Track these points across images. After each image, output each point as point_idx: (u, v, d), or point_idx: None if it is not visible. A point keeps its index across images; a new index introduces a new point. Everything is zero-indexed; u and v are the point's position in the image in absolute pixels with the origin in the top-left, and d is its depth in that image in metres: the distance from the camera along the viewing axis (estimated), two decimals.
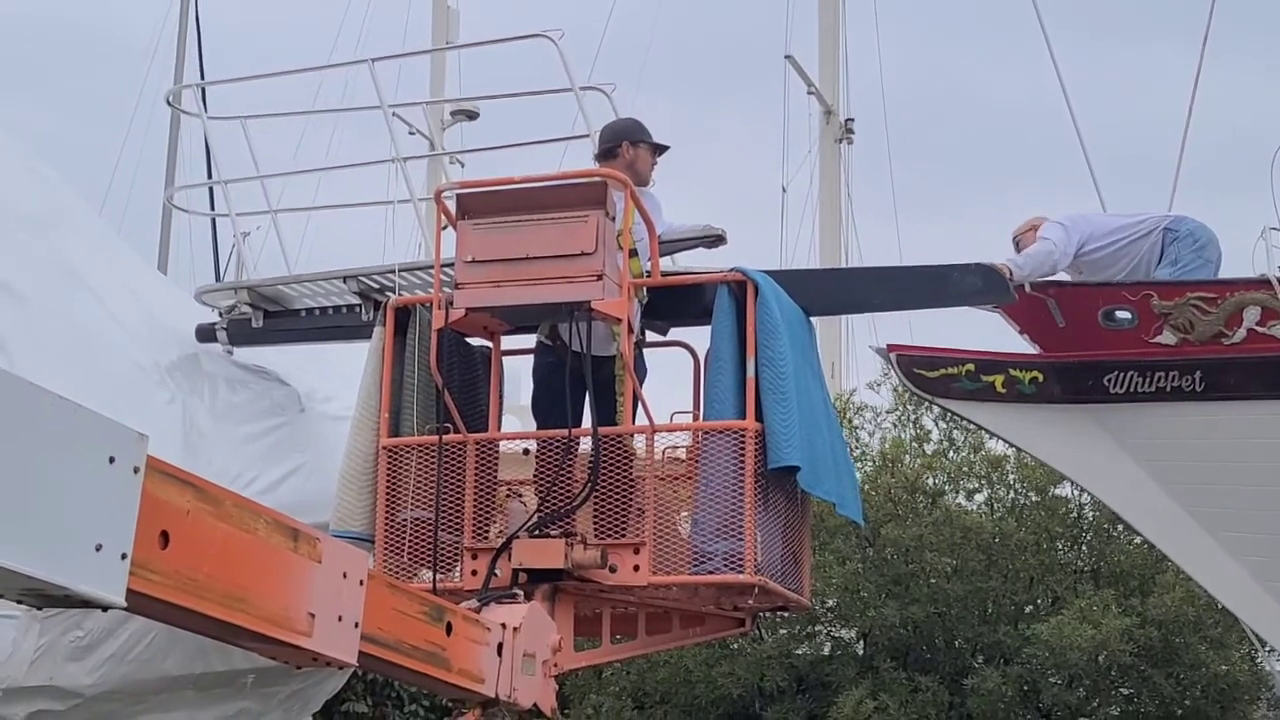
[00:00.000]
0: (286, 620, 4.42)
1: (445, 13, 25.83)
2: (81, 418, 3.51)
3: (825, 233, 22.94)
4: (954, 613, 14.32)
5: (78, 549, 3.48)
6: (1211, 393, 8.55)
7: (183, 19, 28.72)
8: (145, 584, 3.78)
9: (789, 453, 7.02)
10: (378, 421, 7.51)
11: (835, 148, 23.33)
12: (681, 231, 8.16)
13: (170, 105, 11.89)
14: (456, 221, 7.09)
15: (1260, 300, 8.36)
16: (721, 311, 7.25)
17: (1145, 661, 13.75)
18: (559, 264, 6.84)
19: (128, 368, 8.45)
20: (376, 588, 5.12)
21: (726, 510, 6.93)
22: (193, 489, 4.00)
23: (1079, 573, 14.91)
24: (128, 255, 10.13)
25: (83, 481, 3.50)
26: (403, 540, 7.29)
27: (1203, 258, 8.82)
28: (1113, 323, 8.62)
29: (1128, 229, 9.04)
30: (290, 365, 9.48)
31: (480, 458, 7.31)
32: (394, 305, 7.71)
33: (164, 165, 27.28)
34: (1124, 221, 9.12)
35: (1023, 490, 15.16)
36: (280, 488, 8.58)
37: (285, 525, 4.43)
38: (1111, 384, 8.69)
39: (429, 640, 5.48)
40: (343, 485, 7.52)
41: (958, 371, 8.98)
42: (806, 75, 22.99)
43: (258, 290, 8.93)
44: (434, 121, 20.62)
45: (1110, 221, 9.16)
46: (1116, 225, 9.09)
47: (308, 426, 9.14)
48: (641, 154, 7.98)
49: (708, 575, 6.95)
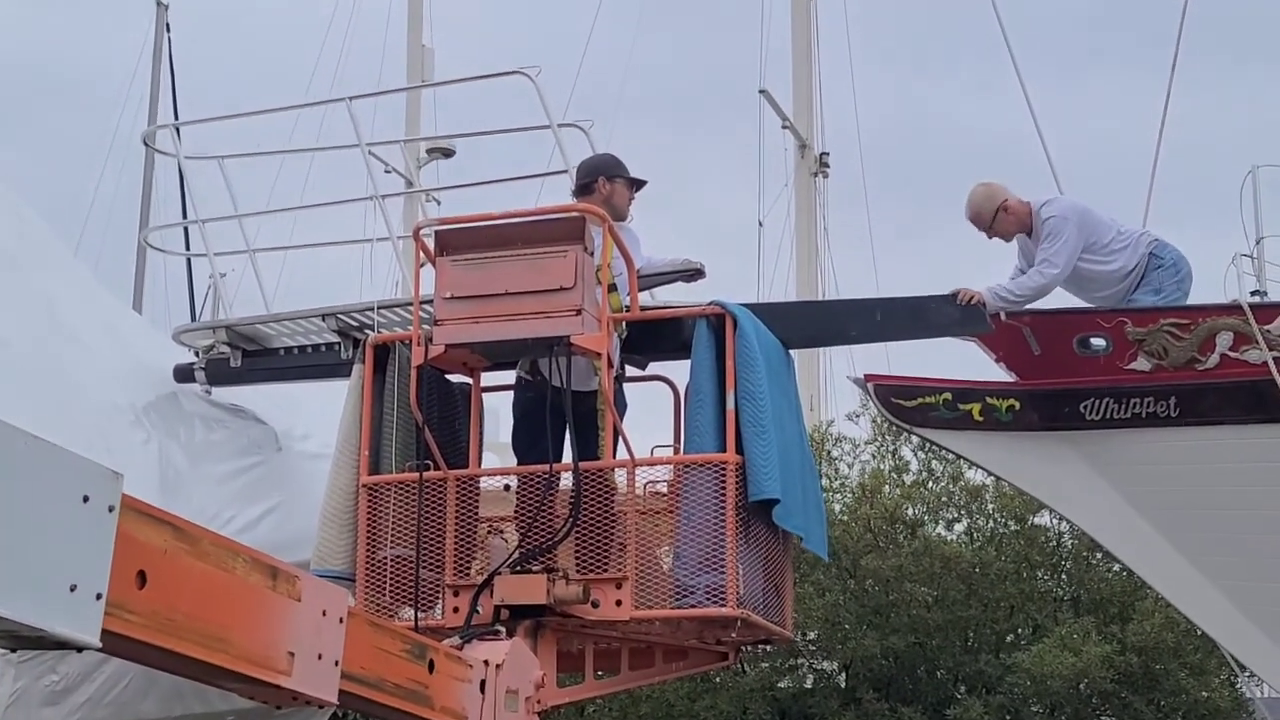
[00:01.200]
0: (266, 659, 4.40)
1: (420, 51, 25.91)
2: (55, 457, 3.49)
3: (801, 266, 23.04)
4: (935, 643, 14.31)
5: (52, 589, 3.45)
6: (1186, 418, 8.56)
7: (156, 59, 28.78)
8: (123, 624, 3.76)
9: (769, 485, 7.04)
10: (358, 459, 7.51)
11: (811, 181, 23.43)
12: (660, 266, 8.17)
13: (146, 145, 11.90)
14: (435, 258, 7.11)
15: (1232, 325, 8.38)
16: (700, 345, 7.27)
17: (1126, 688, 13.74)
18: (538, 299, 6.85)
19: (104, 407, 8.43)
20: (358, 626, 5.11)
21: (708, 544, 6.94)
22: (170, 528, 3.98)
23: (1059, 601, 14.92)
24: (104, 295, 10.12)
25: (57, 521, 3.47)
26: (384, 578, 7.28)
27: (1181, 290, 8.81)
28: (1088, 350, 8.63)
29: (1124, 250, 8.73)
30: (266, 403, 9.47)
31: (461, 495, 7.31)
32: (373, 343, 7.72)
33: (139, 205, 27.28)
34: (1116, 232, 8.81)
35: (1002, 519, 15.16)
36: (258, 526, 8.56)
37: (264, 563, 4.42)
38: (1087, 411, 8.70)
39: (411, 678, 5.47)
40: (323, 523, 7.52)
41: (935, 400, 8.98)
42: (781, 110, 23.10)
43: (236, 329, 8.92)
44: (410, 159, 20.65)
45: (1108, 230, 8.82)
46: (1115, 239, 8.80)
47: (285, 465, 9.12)
48: (618, 189, 8.00)
49: (690, 609, 6.96)
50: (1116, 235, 8.81)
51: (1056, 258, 8.55)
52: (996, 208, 8.81)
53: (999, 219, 8.83)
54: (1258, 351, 8.31)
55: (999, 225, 8.85)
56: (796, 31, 23.60)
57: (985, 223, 8.86)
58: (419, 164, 22.24)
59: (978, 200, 8.87)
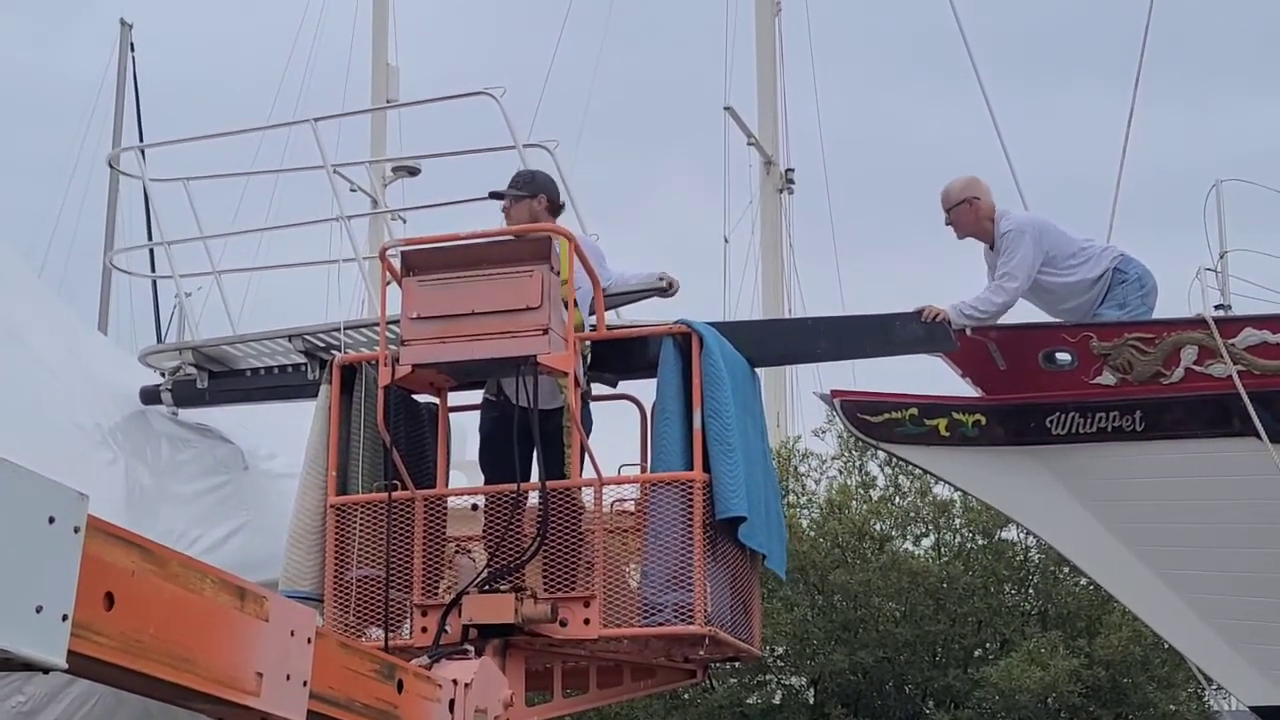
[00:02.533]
0: (234, 680, 4.38)
1: (385, 70, 25.88)
2: (20, 478, 3.46)
3: (768, 282, 23.07)
4: (903, 658, 14.33)
5: (17, 611, 3.41)
6: (1152, 432, 8.61)
7: (120, 78, 28.68)
8: (90, 646, 3.73)
9: (736, 503, 7.07)
10: (325, 479, 7.50)
11: (776, 197, 23.48)
12: (632, 282, 8.18)
13: (112, 168, 11.87)
14: (401, 278, 7.11)
15: (1197, 340, 8.44)
16: (667, 364, 7.29)
17: (1094, 702, 13.77)
18: (504, 319, 6.85)
19: (69, 428, 8.40)
20: (327, 646, 5.10)
21: (676, 561, 6.96)
22: (138, 549, 3.95)
23: (1026, 615, 14.96)
24: (68, 316, 10.09)
25: (22, 542, 3.44)
26: (352, 598, 7.27)
27: (1146, 305, 8.84)
28: (1053, 364, 8.67)
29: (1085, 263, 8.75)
30: (232, 423, 9.46)
31: (428, 514, 7.31)
32: (340, 363, 7.72)
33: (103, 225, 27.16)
34: (1082, 249, 8.82)
35: (970, 534, 15.21)
36: (225, 546, 8.55)
37: (232, 584, 4.40)
38: (1053, 425, 8.74)
39: (380, 698, 5.45)
40: (291, 544, 7.51)
41: (901, 416, 9.01)
42: (746, 126, 23.13)
43: (202, 351, 8.91)
44: (376, 179, 20.63)
45: (1070, 244, 8.82)
46: (1076, 252, 8.81)
47: (251, 484, 9.11)
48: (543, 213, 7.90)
49: (658, 627, 6.98)
50: (1079, 250, 8.83)
51: (1016, 271, 8.56)
52: (964, 199, 8.81)
53: (959, 209, 8.83)
54: (1222, 365, 8.37)
55: (956, 215, 8.85)
56: (761, 48, 23.65)
57: (949, 205, 8.86)
58: (385, 183, 22.19)
59: (955, 186, 8.88)
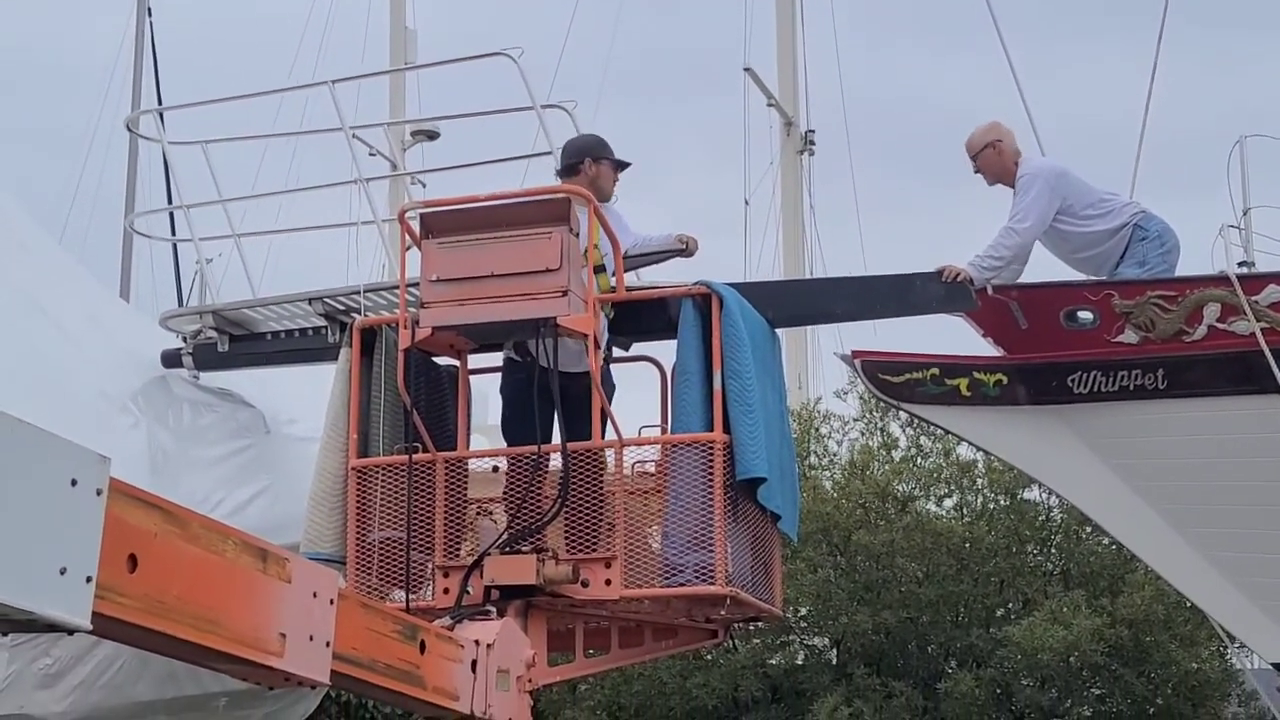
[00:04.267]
0: (257, 641, 4.42)
1: (403, 33, 25.81)
2: (42, 441, 3.49)
3: (788, 244, 23.04)
4: (926, 618, 14.36)
5: (42, 573, 3.46)
6: (1174, 390, 8.58)
7: (138, 45, 28.64)
8: (115, 608, 3.77)
9: (756, 464, 7.06)
10: (346, 442, 7.51)
11: (796, 159, 23.41)
12: (653, 244, 8.18)
13: (130, 130, 11.85)
14: (421, 241, 7.11)
15: (1219, 297, 8.40)
16: (687, 325, 7.28)
17: (1116, 661, 13.79)
18: (524, 281, 6.85)
19: (91, 394, 8.44)
20: (350, 608, 5.13)
21: (696, 522, 6.96)
22: (160, 512, 3.99)
23: (1049, 575, 14.97)
24: (89, 283, 10.11)
25: (45, 505, 3.47)
26: (374, 560, 7.30)
27: (1167, 262, 8.81)
28: (1075, 323, 8.64)
29: (1104, 215, 8.77)
30: (254, 387, 9.48)
31: (449, 476, 7.32)
32: (360, 326, 7.71)
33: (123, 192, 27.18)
34: (1103, 201, 8.83)
35: (992, 494, 15.21)
36: (247, 509, 8.57)
37: (254, 546, 4.43)
38: (1075, 384, 8.72)
39: (403, 659, 5.49)
40: (313, 507, 7.52)
41: (922, 376, 8.99)
42: (766, 88, 23.06)
43: (222, 314, 8.92)
44: (395, 142, 20.61)
45: (1090, 194, 8.84)
46: (1096, 204, 8.81)
47: (273, 448, 9.13)
48: (603, 170, 8.00)
49: (679, 588, 6.98)
50: (1099, 200, 8.82)
51: (1027, 213, 8.57)
52: (989, 142, 8.87)
53: (985, 154, 8.89)
54: (1245, 323, 8.34)
55: (983, 160, 8.91)
56: (780, 9, 23.58)
57: (973, 152, 8.92)
58: (404, 146, 22.18)
59: (979, 131, 8.93)
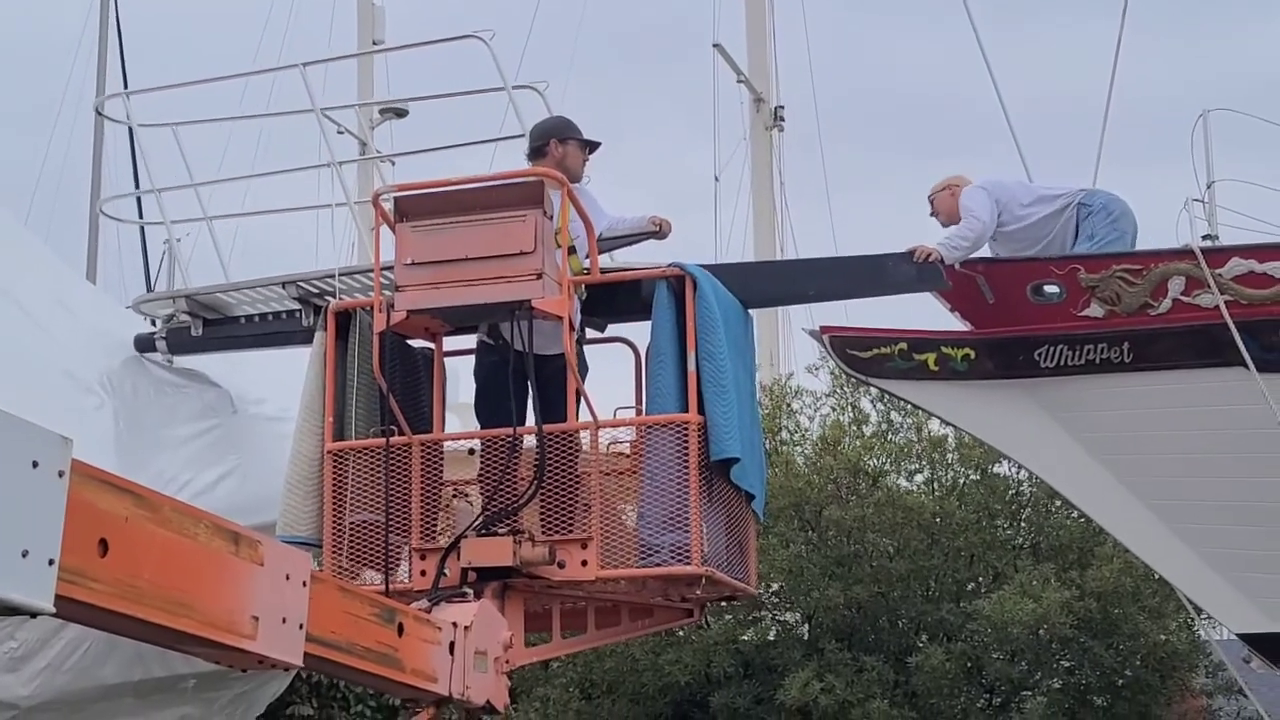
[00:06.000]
0: (230, 624, 4.43)
1: (371, 10, 25.68)
2: (2, 423, 3.45)
3: (759, 220, 23.03)
4: (897, 592, 14.42)
5: (3, 556, 3.42)
6: (1140, 363, 8.66)
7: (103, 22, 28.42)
8: (86, 592, 3.76)
9: (730, 444, 7.11)
10: (322, 426, 7.53)
11: (766, 135, 23.39)
12: (627, 226, 8.21)
13: (100, 115, 11.79)
14: (395, 224, 7.12)
15: (1184, 270, 8.47)
16: (661, 307, 7.31)
17: (1085, 633, 13.88)
18: (498, 264, 6.87)
19: (57, 376, 8.39)
20: (327, 591, 5.16)
21: (672, 503, 7.00)
22: (131, 496, 3.99)
23: (1019, 548, 15.05)
24: (55, 265, 10.06)
25: (6, 488, 3.44)
26: (351, 543, 7.33)
27: (1118, 230, 8.90)
28: (1041, 297, 8.71)
29: (1041, 203, 9.04)
30: (221, 367, 9.43)
31: (425, 459, 7.35)
32: (335, 309, 7.72)
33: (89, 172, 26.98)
34: (1040, 193, 9.09)
35: (963, 469, 15.29)
36: (215, 490, 8.57)
37: (225, 529, 4.43)
38: (1042, 358, 8.78)
39: (381, 642, 5.52)
40: (288, 490, 7.53)
41: (890, 351, 9.05)
42: (735, 64, 23.01)
43: (196, 299, 8.91)
44: (364, 120, 20.57)
45: (1026, 192, 9.15)
46: (1033, 198, 9.07)
47: (241, 428, 9.10)
48: (571, 151, 8.01)
49: (655, 568, 7.03)
50: (1037, 196, 9.17)
51: (977, 211, 8.89)
52: (947, 184, 9.31)
53: (941, 195, 9.36)
54: (1210, 296, 8.42)
55: (939, 201, 9.37)
56: None
57: (932, 194, 9.41)
58: (372, 125, 22.12)
59: (941, 179, 9.43)
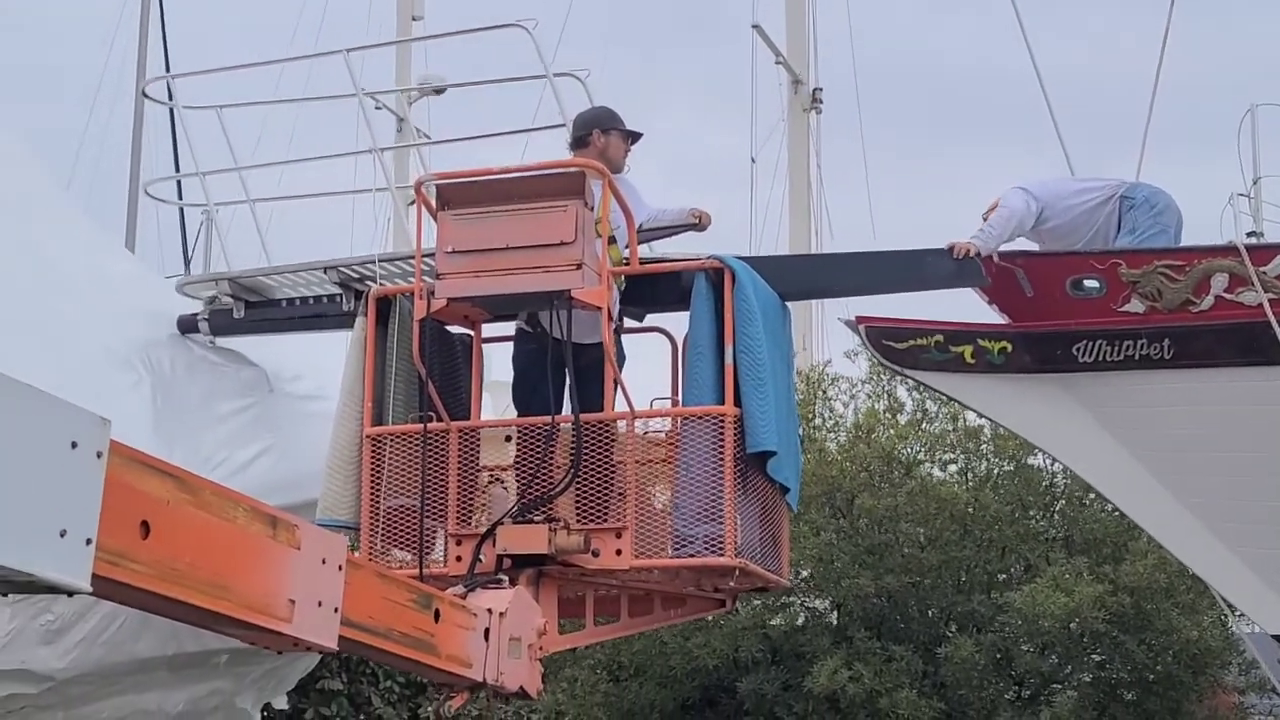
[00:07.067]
0: (267, 607, 4.47)
1: None
2: (41, 403, 3.47)
3: (795, 203, 22.96)
4: (928, 582, 14.39)
5: (41, 535, 3.45)
6: (1180, 360, 8.60)
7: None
8: (127, 574, 3.81)
9: (766, 437, 7.13)
10: (361, 410, 7.57)
11: (804, 118, 23.30)
12: (666, 218, 8.22)
13: (147, 98, 11.82)
14: (437, 212, 7.16)
15: (1227, 267, 8.41)
16: (699, 298, 7.33)
17: (1117, 628, 13.80)
18: (539, 253, 6.91)
19: (96, 351, 8.41)
20: (365, 576, 5.20)
21: (706, 494, 7.03)
22: (173, 479, 4.03)
23: (1051, 541, 14.98)
24: (97, 238, 10.07)
25: (45, 467, 3.46)
26: (389, 528, 7.38)
27: (1160, 224, 8.86)
28: (1081, 292, 8.67)
29: (1084, 195, 8.99)
30: (257, 346, 9.45)
31: (463, 445, 7.39)
32: (375, 295, 7.77)
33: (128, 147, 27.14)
34: (1080, 186, 9.05)
35: (997, 460, 15.24)
36: (251, 468, 8.59)
37: (264, 513, 4.48)
38: (1080, 353, 8.74)
39: (417, 627, 5.56)
40: (328, 474, 7.57)
41: (926, 343, 9.02)
42: (774, 45, 22.92)
43: (238, 281, 8.96)
44: (402, 97, 20.59)
45: (1068, 187, 9.12)
46: (1074, 190, 9.04)
47: (276, 407, 9.12)
48: (614, 141, 8.03)
49: (689, 558, 7.06)
50: (1078, 190, 9.10)
51: (1010, 200, 8.87)
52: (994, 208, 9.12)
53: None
54: (1253, 293, 8.36)
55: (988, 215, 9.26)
56: None
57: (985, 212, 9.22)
58: (410, 101, 22.14)
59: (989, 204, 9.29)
